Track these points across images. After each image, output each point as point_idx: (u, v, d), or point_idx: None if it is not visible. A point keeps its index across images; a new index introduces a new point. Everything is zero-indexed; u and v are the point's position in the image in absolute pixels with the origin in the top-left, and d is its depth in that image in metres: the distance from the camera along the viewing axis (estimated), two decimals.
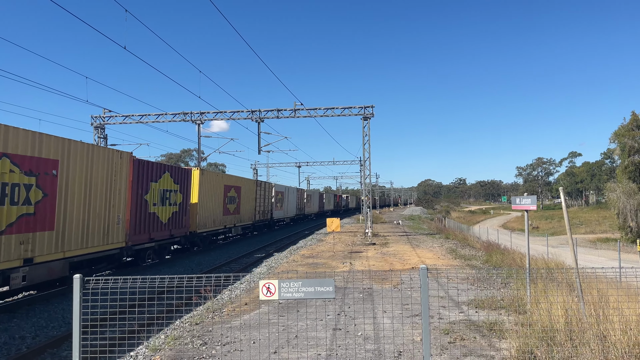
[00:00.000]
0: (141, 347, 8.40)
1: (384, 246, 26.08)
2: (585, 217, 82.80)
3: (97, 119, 32.04)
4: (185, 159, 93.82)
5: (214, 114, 32.58)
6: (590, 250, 40.24)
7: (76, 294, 5.14)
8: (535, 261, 16.00)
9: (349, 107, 32.04)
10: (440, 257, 20.90)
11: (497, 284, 13.50)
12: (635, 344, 6.12)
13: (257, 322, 9.58)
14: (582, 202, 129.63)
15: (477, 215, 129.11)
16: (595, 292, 8.20)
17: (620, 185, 49.31)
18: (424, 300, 5.29)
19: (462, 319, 9.39)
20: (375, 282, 13.86)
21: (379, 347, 7.70)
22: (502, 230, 49.99)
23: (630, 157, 50.11)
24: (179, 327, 9.72)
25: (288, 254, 23.60)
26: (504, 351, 7.19)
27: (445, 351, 7.43)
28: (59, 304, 12.60)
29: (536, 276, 10.58)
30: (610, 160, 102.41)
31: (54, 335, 9.89)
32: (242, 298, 12.50)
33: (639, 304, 7.17)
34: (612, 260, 26.84)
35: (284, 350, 7.66)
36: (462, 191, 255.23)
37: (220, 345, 8.10)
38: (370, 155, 32.93)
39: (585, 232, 63.77)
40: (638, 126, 51.63)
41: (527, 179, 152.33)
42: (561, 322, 6.87)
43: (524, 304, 9.45)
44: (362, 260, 19.88)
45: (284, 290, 5.29)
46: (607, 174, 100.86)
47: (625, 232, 48.19)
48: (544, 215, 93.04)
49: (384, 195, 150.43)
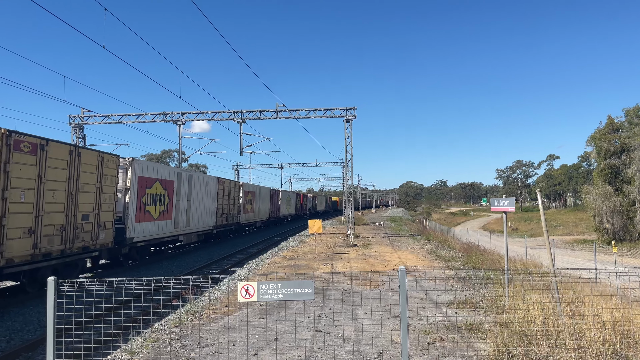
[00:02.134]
0: (118, 350, 8.28)
1: (365, 248, 26.15)
2: (562, 219, 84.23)
3: (76, 118, 31.54)
4: (166, 160, 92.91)
5: (195, 114, 32.33)
6: (567, 251, 40.91)
7: (50, 297, 5.04)
8: (513, 262, 16.21)
9: (331, 109, 32.09)
10: (421, 258, 21.04)
11: (476, 285, 13.63)
12: (609, 344, 6.23)
13: (237, 324, 9.52)
14: (560, 204, 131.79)
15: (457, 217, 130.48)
16: (572, 292, 8.33)
17: (596, 188, 50.32)
18: (403, 301, 5.31)
19: (441, 319, 9.46)
20: (356, 283, 13.88)
21: (359, 348, 7.71)
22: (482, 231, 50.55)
23: (606, 160, 51.17)
24: (157, 329, 9.60)
25: (270, 256, 23.51)
26: (482, 351, 7.26)
27: (424, 352, 7.47)
28: (35, 307, 12.36)
29: (514, 277, 10.71)
30: (587, 163, 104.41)
31: (29, 338, 9.69)
32: (223, 300, 12.41)
33: (614, 305, 7.31)
34: (588, 261, 27.32)
35: (263, 352, 7.62)
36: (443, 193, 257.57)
37: (199, 348, 8.02)
38: (353, 156, 33.04)
39: (562, 234, 64.86)
40: (614, 130, 52.78)
41: (506, 181, 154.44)
42: (538, 322, 6.96)
43: (502, 305, 9.56)
44: (344, 262, 19.91)
45: (263, 292, 5.26)
46: (584, 176, 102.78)
47: (601, 233, 49.17)
48: (523, 217, 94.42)
49: (366, 196, 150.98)
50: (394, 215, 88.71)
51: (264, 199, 47.37)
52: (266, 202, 48.52)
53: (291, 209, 63.35)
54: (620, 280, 8.54)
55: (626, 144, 49.82)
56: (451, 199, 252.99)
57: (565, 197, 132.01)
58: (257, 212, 44.32)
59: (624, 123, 53.78)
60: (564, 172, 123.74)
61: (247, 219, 40.48)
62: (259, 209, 44.81)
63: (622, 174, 49.85)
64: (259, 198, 44.71)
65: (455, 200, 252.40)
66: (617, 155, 50.68)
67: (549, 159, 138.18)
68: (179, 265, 21.03)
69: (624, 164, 49.77)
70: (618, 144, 51.09)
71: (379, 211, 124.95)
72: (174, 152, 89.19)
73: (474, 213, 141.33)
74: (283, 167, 73.91)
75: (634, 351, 6.17)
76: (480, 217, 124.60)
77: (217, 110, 32.06)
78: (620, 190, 49.10)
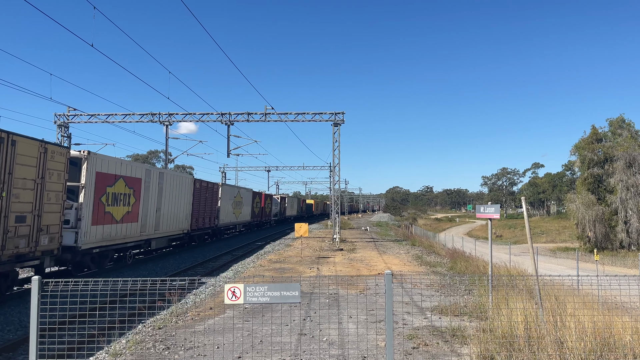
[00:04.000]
0: (101, 351, 8.20)
1: (351, 252, 26.20)
2: (546, 227, 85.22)
3: (61, 117, 31.23)
4: (152, 161, 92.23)
5: (183, 115, 32.21)
6: (550, 258, 41.38)
7: (34, 296, 4.99)
8: (497, 269, 16.37)
9: (319, 113, 32.18)
10: (406, 263, 21.14)
11: (460, 291, 13.73)
12: (590, 350, 6.33)
13: (221, 326, 9.49)
14: (543, 211, 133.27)
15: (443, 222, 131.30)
16: (554, 299, 8.45)
17: (579, 197, 50.99)
18: (388, 305, 5.35)
19: (426, 324, 9.52)
20: (341, 287, 13.91)
21: (343, 352, 7.73)
22: (467, 238, 50.97)
23: (589, 170, 51.91)
24: (141, 331, 9.53)
25: (255, 259, 23.45)
26: (465, 356, 7.33)
27: (408, 356, 7.52)
28: (16, 307, 12.19)
29: (498, 283, 10.84)
30: (571, 172, 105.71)
31: (10, 338, 9.56)
32: (207, 302, 12.35)
33: (595, 312, 7.42)
34: (570, 269, 27.68)
35: (248, 355, 7.60)
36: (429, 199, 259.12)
37: (183, 350, 7.98)
38: (340, 161, 33.18)
39: (546, 241, 65.58)
40: (598, 140, 53.58)
41: (492, 188, 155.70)
42: (521, 328, 7.05)
43: (486, 311, 9.65)
44: (330, 266, 19.93)
45: (250, 294, 5.26)
46: (568, 185, 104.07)
47: (583, 241, 49.82)
48: (507, 224, 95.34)
49: (353, 201, 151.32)
50: (380, 220, 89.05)
51: (246, 201, 43.15)
52: (248, 204, 44.36)
53: (244, 214, 44.52)
54: (602, 287, 8.67)
55: (609, 154, 50.61)
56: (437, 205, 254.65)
57: (549, 205, 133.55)
58: (238, 215, 41.48)
59: (607, 133, 54.65)
60: (548, 181, 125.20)
61: (227, 222, 37.94)
62: (240, 212, 41.96)
63: (605, 184, 50.60)
64: (240, 200, 41.29)
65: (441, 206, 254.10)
66: (600, 164, 51.44)
67: (534, 167, 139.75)
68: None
69: (606, 174, 50.54)
70: (601, 153, 51.87)
71: (365, 216, 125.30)
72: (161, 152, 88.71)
73: (459, 219, 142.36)
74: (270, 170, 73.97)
75: (614, 357, 6.28)
76: (465, 223, 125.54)
77: (205, 112, 31.99)
78: (603, 199, 49.82)
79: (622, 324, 6.86)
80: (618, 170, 48.28)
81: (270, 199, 59.73)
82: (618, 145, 51.25)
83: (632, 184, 47.20)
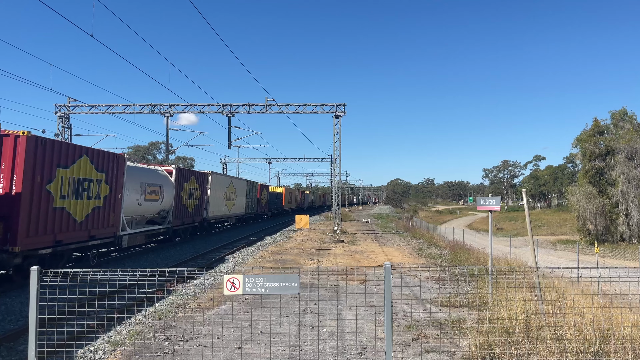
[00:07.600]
0: (101, 341, 8.23)
1: (352, 244, 26.23)
2: (547, 219, 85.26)
3: (62, 108, 31.16)
4: (153, 152, 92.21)
5: (184, 106, 32.11)
6: (550, 251, 41.41)
7: (33, 287, 4.99)
8: (498, 261, 16.38)
9: (320, 105, 32.07)
10: (406, 255, 21.16)
11: (461, 283, 13.74)
12: (590, 342, 6.33)
13: (221, 317, 9.51)
14: (544, 204, 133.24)
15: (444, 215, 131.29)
16: (554, 291, 8.44)
17: (580, 189, 50.95)
18: (387, 297, 5.34)
19: (425, 316, 9.53)
20: (342, 279, 13.92)
21: (343, 343, 7.74)
22: (467, 230, 51.02)
23: (591, 162, 51.83)
24: (141, 322, 9.56)
25: (256, 250, 23.49)
26: (464, 348, 7.34)
27: (408, 347, 7.53)
28: (17, 297, 12.22)
29: (498, 275, 10.83)
30: (572, 164, 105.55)
31: (11, 328, 9.59)
32: (208, 293, 12.38)
33: (595, 304, 7.42)
34: (571, 261, 27.67)
35: (248, 345, 7.62)
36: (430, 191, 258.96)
37: (183, 341, 8.00)
38: (341, 153, 33.09)
39: (546, 234, 65.65)
40: (600, 132, 53.44)
41: (493, 180, 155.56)
42: (520, 320, 7.05)
43: (486, 302, 9.66)
44: (330, 257, 19.95)
45: (249, 285, 5.26)
46: (569, 177, 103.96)
47: (584, 234, 49.86)
48: (508, 217, 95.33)
49: (354, 193, 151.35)
50: (381, 212, 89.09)
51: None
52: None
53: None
54: (602, 280, 8.67)
55: (611, 147, 50.49)
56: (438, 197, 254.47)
57: (550, 198, 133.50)
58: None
59: (609, 126, 54.48)
60: (549, 173, 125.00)
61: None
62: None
63: (607, 176, 50.53)
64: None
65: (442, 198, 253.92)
66: (602, 157, 51.34)
67: (535, 159, 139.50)
68: None
69: (608, 166, 50.45)
70: (603, 146, 51.75)
71: (366, 208, 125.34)
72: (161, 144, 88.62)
73: (460, 211, 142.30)
74: (271, 162, 73.89)
75: (614, 350, 6.28)
76: (466, 215, 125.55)
77: (206, 103, 31.87)
78: (604, 192, 49.77)
79: (621, 316, 6.86)
80: (620, 163, 48.18)
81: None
82: (620, 137, 51.08)
83: (634, 177, 47.12)
